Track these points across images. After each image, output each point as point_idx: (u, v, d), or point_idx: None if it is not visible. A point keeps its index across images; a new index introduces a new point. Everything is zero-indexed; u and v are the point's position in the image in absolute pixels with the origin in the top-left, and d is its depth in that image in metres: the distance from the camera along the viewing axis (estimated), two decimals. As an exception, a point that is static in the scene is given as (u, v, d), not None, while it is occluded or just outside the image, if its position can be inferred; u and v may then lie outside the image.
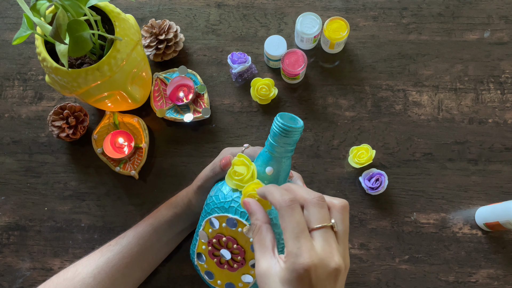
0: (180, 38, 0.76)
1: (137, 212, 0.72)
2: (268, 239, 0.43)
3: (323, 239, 0.41)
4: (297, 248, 0.40)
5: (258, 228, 0.44)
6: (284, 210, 0.41)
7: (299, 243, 0.40)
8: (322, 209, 0.42)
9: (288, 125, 0.48)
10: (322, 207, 0.42)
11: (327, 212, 0.42)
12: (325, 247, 0.40)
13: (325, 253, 0.40)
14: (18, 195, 0.74)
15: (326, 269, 0.39)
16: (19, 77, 0.79)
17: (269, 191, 0.44)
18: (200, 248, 0.55)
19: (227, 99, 0.76)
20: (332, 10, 0.80)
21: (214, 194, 0.53)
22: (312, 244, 0.40)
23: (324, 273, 0.39)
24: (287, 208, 0.41)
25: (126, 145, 0.73)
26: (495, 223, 0.65)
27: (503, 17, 0.78)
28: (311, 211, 0.42)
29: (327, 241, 0.41)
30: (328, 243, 0.41)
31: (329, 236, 0.41)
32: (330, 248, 0.40)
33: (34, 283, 0.70)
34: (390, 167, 0.72)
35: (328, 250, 0.40)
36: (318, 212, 0.42)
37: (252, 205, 0.46)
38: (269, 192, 0.44)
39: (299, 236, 0.40)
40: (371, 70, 0.77)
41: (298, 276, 0.39)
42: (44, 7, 0.56)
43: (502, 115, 0.74)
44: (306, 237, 0.40)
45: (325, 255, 0.40)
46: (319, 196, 0.43)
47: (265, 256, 0.42)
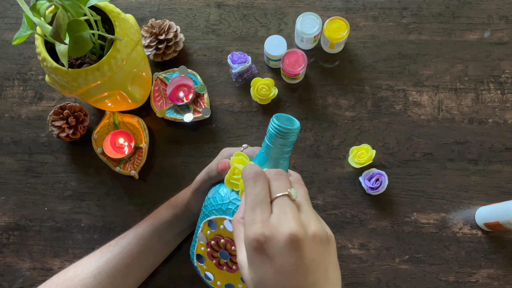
0: (180, 38, 0.76)
1: (137, 212, 0.72)
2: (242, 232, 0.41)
3: (278, 208, 0.39)
4: (251, 219, 0.38)
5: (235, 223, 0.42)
6: (247, 181, 0.40)
7: (254, 214, 0.38)
8: (279, 181, 0.41)
9: (284, 127, 0.48)
10: (279, 180, 0.41)
11: (285, 183, 0.41)
12: (280, 215, 0.38)
13: (279, 222, 0.37)
14: (18, 195, 0.74)
15: (281, 237, 0.36)
16: (19, 77, 0.79)
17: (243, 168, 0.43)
18: (199, 250, 0.55)
19: (227, 99, 0.76)
20: (332, 10, 0.80)
21: (212, 196, 0.53)
22: (268, 215, 0.38)
23: (279, 242, 0.36)
24: (250, 179, 0.40)
25: (126, 145, 0.73)
26: (495, 223, 0.65)
27: (503, 17, 0.78)
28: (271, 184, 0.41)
29: (282, 210, 0.39)
30: (283, 211, 0.38)
31: (285, 204, 0.39)
32: (285, 215, 0.38)
33: (34, 283, 0.70)
34: (390, 167, 0.72)
35: (282, 217, 0.38)
36: (276, 185, 0.41)
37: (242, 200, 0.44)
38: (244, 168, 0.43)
39: (254, 207, 0.39)
40: (371, 70, 0.77)
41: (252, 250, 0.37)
42: (44, 7, 0.56)
43: (502, 115, 0.74)
44: (262, 209, 0.39)
45: (278, 224, 0.37)
46: (276, 171, 0.42)
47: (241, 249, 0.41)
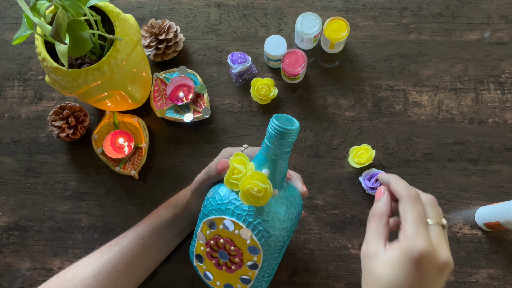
0: (180, 38, 0.76)
1: (137, 212, 0.72)
2: (385, 231, 0.46)
3: (436, 233, 0.44)
4: (416, 233, 0.43)
5: (380, 216, 0.47)
6: (410, 199, 0.46)
7: (419, 229, 0.43)
8: (437, 209, 0.47)
9: (284, 127, 0.48)
10: (436, 207, 0.47)
11: (439, 212, 0.47)
12: (438, 240, 0.44)
13: (438, 245, 0.43)
14: (18, 195, 0.74)
15: (438, 260, 0.42)
16: (19, 77, 0.79)
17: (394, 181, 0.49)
18: (198, 250, 0.55)
19: (227, 99, 0.76)
20: (332, 10, 0.80)
21: (211, 196, 0.53)
22: (429, 235, 0.43)
23: (435, 263, 0.42)
24: (413, 198, 0.46)
25: (126, 145, 0.73)
26: (495, 223, 0.65)
27: (503, 17, 0.78)
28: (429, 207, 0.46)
29: (440, 236, 0.44)
30: (440, 238, 0.44)
31: (441, 232, 0.45)
32: (442, 242, 0.44)
33: (34, 283, 0.70)
34: (390, 167, 0.72)
35: (440, 243, 0.44)
36: (434, 210, 0.46)
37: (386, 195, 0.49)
38: (394, 181, 0.49)
39: (419, 224, 0.44)
40: (371, 70, 0.77)
41: (412, 259, 0.42)
42: (44, 7, 0.56)
43: (502, 115, 0.74)
44: (425, 227, 0.44)
45: (438, 246, 0.43)
46: (433, 198, 0.48)
47: (378, 241, 0.45)
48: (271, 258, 0.52)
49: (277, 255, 0.52)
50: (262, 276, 0.53)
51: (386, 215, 0.47)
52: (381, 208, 0.48)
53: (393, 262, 0.42)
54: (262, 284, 0.54)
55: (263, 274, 0.53)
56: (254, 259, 0.51)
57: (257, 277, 0.53)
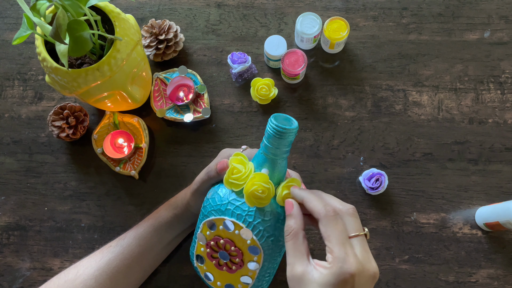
0: (180, 38, 0.76)
1: (137, 212, 0.72)
2: (304, 246, 0.45)
3: (361, 246, 0.44)
4: (344, 253, 0.42)
5: (295, 233, 0.46)
6: (329, 219, 0.44)
7: (345, 249, 0.43)
8: (357, 219, 0.46)
9: (282, 127, 0.48)
10: (356, 217, 0.46)
11: (358, 221, 0.46)
12: (364, 253, 0.44)
13: (364, 259, 0.43)
14: (18, 195, 0.74)
15: (367, 274, 0.43)
16: (19, 77, 0.79)
17: (308, 199, 0.47)
18: (199, 250, 0.55)
19: (227, 99, 0.76)
20: (332, 10, 0.80)
21: (211, 197, 0.53)
22: (355, 251, 0.43)
23: (364, 278, 0.42)
24: (332, 217, 0.45)
25: (126, 145, 0.73)
26: (495, 223, 0.65)
27: (503, 17, 0.78)
28: (347, 220, 0.45)
29: (364, 248, 0.44)
30: (365, 250, 0.44)
31: (365, 243, 0.45)
32: (368, 254, 0.44)
33: (34, 283, 0.70)
34: (390, 167, 0.72)
35: (366, 256, 0.44)
36: (355, 222, 0.45)
37: (295, 209, 0.48)
38: (309, 199, 0.47)
39: (344, 243, 0.43)
40: (371, 70, 0.77)
41: (343, 280, 0.41)
42: (44, 7, 0.56)
43: (502, 115, 0.74)
44: (350, 245, 0.43)
45: (365, 261, 0.43)
46: (353, 208, 0.46)
47: (301, 261, 0.44)
48: (272, 258, 0.52)
49: (278, 255, 0.52)
50: (263, 276, 0.53)
51: (301, 230, 0.46)
52: (294, 224, 0.46)
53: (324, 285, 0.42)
54: (263, 284, 0.54)
55: (264, 274, 0.53)
56: (254, 259, 0.51)
57: (258, 277, 0.53)
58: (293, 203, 0.48)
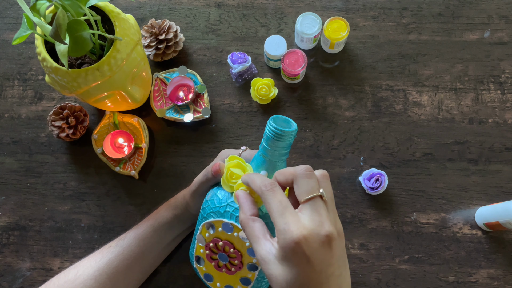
0: (180, 38, 0.76)
1: (137, 212, 0.72)
2: (256, 228, 0.43)
3: (312, 209, 0.41)
4: (284, 224, 0.40)
5: (244, 223, 0.44)
6: (266, 194, 0.42)
7: (285, 219, 0.40)
8: (311, 180, 0.42)
9: (281, 129, 0.47)
10: (310, 178, 0.43)
11: (315, 182, 0.43)
12: (314, 216, 0.41)
13: (314, 222, 0.40)
14: (18, 195, 0.74)
15: (318, 238, 0.40)
16: (19, 77, 0.79)
17: (251, 179, 0.45)
18: (198, 252, 0.55)
19: (227, 99, 0.76)
20: (332, 10, 0.80)
21: (210, 199, 0.53)
22: (298, 217, 0.41)
23: (316, 242, 0.40)
24: (268, 191, 0.42)
25: (126, 145, 0.73)
26: (495, 223, 0.65)
27: (503, 17, 0.78)
28: (300, 183, 0.42)
29: (316, 211, 0.41)
30: (318, 212, 0.41)
31: (318, 205, 0.41)
32: (320, 217, 0.41)
33: (34, 283, 0.70)
34: (390, 167, 0.72)
35: (317, 219, 0.41)
36: (307, 183, 0.42)
37: (240, 198, 0.46)
38: (251, 180, 0.45)
39: (283, 212, 0.41)
40: (371, 70, 0.77)
41: (291, 251, 0.39)
42: (44, 7, 0.56)
43: (502, 115, 0.74)
44: (290, 212, 0.41)
45: (314, 224, 0.40)
46: (306, 167, 0.43)
47: (259, 243, 0.42)
48: None
49: None
50: (262, 277, 0.53)
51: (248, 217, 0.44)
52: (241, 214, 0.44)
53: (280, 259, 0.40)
54: (263, 285, 0.54)
55: (263, 275, 0.53)
56: (253, 261, 0.51)
57: (257, 278, 0.53)
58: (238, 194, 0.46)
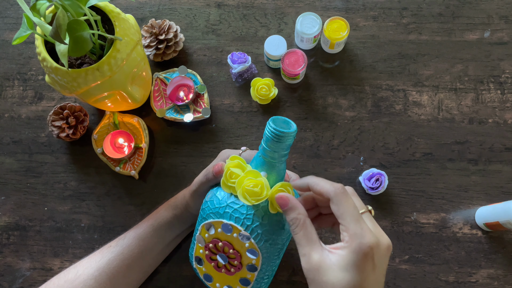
0: (180, 38, 0.76)
1: (137, 212, 0.72)
2: (314, 233, 0.45)
3: (370, 221, 0.45)
4: (360, 229, 0.42)
5: (303, 222, 0.45)
6: (340, 196, 0.44)
7: (360, 225, 0.43)
8: (357, 198, 0.47)
9: (281, 130, 0.47)
10: (356, 196, 0.47)
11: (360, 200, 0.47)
12: (375, 228, 0.44)
13: (378, 232, 0.44)
14: (18, 195, 0.74)
15: (384, 247, 0.43)
16: (19, 77, 0.79)
17: (314, 182, 0.47)
18: (198, 252, 0.55)
19: (227, 99, 0.76)
20: (332, 10, 0.80)
21: (209, 199, 0.53)
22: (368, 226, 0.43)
23: (382, 251, 0.43)
24: (343, 195, 0.44)
25: (126, 145, 0.73)
26: (495, 223, 0.65)
27: (503, 17, 0.78)
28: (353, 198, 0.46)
29: (374, 223, 0.45)
30: (375, 225, 0.45)
31: (372, 218, 0.45)
32: (379, 228, 0.45)
33: (34, 283, 0.70)
34: (390, 167, 0.72)
35: (378, 230, 0.44)
36: (358, 200, 0.46)
37: (292, 200, 0.47)
38: (315, 182, 0.47)
39: (358, 219, 0.43)
40: (371, 70, 0.77)
41: (364, 255, 0.41)
42: (44, 7, 0.56)
43: (502, 115, 0.74)
44: (363, 220, 0.44)
45: (379, 234, 0.44)
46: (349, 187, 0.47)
47: (315, 248, 0.44)
48: (270, 260, 0.51)
49: (276, 257, 0.52)
50: (262, 278, 0.53)
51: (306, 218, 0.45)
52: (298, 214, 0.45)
53: (345, 265, 0.41)
54: (262, 286, 0.54)
55: (263, 276, 0.53)
56: (253, 262, 0.51)
57: (257, 279, 0.53)
58: (286, 196, 0.47)
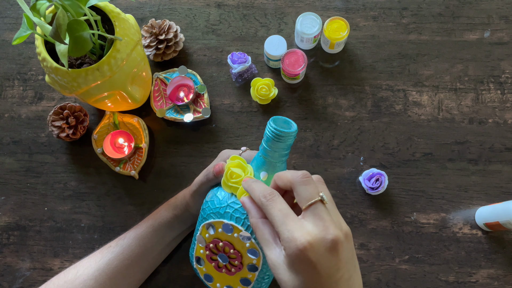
0: (180, 38, 0.76)
1: (137, 212, 0.72)
2: (266, 232, 0.43)
3: (314, 215, 0.41)
4: (287, 231, 0.40)
5: (254, 225, 0.44)
6: (266, 205, 0.43)
7: (287, 226, 0.40)
8: (309, 186, 0.42)
9: (281, 130, 0.47)
10: (308, 184, 0.42)
11: (314, 188, 0.42)
12: (317, 222, 0.40)
13: (318, 228, 0.40)
14: (18, 195, 0.74)
15: (323, 243, 0.39)
16: (19, 77, 0.79)
17: (250, 189, 0.45)
18: (198, 252, 0.55)
19: (227, 99, 0.76)
20: (332, 10, 0.80)
21: (210, 200, 0.53)
22: (302, 224, 0.40)
23: (322, 248, 0.39)
24: (268, 202, 0.43)
25: (126, 145, 0.73)
26: (495, 223, 0.65)
27: (503, 17, 0.78)
28: (299, 190, 0.42)
29: (319, 216, 0.41)
30: (320, 217, 0.41)
31: (320, 210, 0.41)
32: (323, 221, 0.40)
33: (34, 283, 0.70)
34: (390, 167, 0.72)
35: (321, 224, 0.40)
36: (305, 190, 0.42)
37: (246, 204, 0.46)
38: (251, 189, 0.45)
39: (285, 220, 0.41)
40: (371, 70, 0.77)
41: (297, 258, 0.39)
42: (44, 7, 0.56)
43: (502, 115, 0.74)
44: (292, 219, 0.41)
45: (318, 230, 0.40)
46: (303, 174, 0.43)
47: (269, 248, 0.42)
48: None
49: None
50: (262, 278, 0.53)
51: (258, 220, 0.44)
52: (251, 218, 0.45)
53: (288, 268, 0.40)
54: (262, 286, 0.54)
55: (263, 276, 0.53)
56: (253, 262, 0.51)
57: (257, 279, 0.53)
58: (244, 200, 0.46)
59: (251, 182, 0.46)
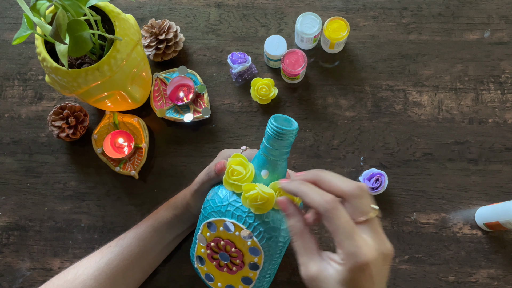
0: (180, 38, 0.76)
1: (137, 212, 0.72)
2: (312, 242, 0.43)
3: (371, 230, 0.41)
4: (354, 247, 0.40)
5: (300, 232, 0.43)
6: (331, 212, 0.41)
7: (355, 241, 0.40)
8: (365, 200, 0.42)
9: (282, 128, 0.48)
10: (362, 197, 0.42)
11: (368, 200, 0.42)
12: (375, 237, 0.41)
13: (378, 243, 0.41)
14: (18, 195, 0.74)
15: (382, 258, 0.41)
16: (19, 77, 0.79)
17: (303, 192, 0.43)
18: (199, 251, 0.55)
19: (227, 99, 0.76)
20: (332, 10, 0.80)
21: (211, 198, 0.53)
22: (365, 238, 0.40)
23: (380, 263, 0.40)
24: (333, 210, 0.41)
25: (126, 145, 0.73)
26: (495, 223, 0.65)
27: (503, 17, 0.78)
28: (354, 204, 0.41)
29: (375, 231, 0.41)
30: (376, 232, 0.41)
31: (376, 224, 0.42)
32: (379, 235, 0.41)
33: (34, 283, 0.70)
34: (390, 167, 0.72)
35: (379, 239, 0.41)
36: (362, 204, 0.41)
37: (290, 207, 0.45)
38: (304, 193, 0.43)
39: (352, 235, 0.40)
40: (371, 70, 0.77)
41: (361, 273, 0.39)
42: (44, 7, 0.56)
43: (502, 115, 0.74)
44: (358, 234, 0.40)
45: (379, 245, 0.41)
46: (356, 186, 0.42)
47: (313, 259, 0.42)
48: (272, 259, 0.52)
49: (278, 256, 0.52)
50: (263, 276, 0.53)
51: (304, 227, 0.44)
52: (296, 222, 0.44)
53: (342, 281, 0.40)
54: (264, 284, 0.54)
55: (264, 274, 0.53)
56: (255, 260, 0.51)
57: (259, 278, 0.53)
58: (286, 201, 0.45)
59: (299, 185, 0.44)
